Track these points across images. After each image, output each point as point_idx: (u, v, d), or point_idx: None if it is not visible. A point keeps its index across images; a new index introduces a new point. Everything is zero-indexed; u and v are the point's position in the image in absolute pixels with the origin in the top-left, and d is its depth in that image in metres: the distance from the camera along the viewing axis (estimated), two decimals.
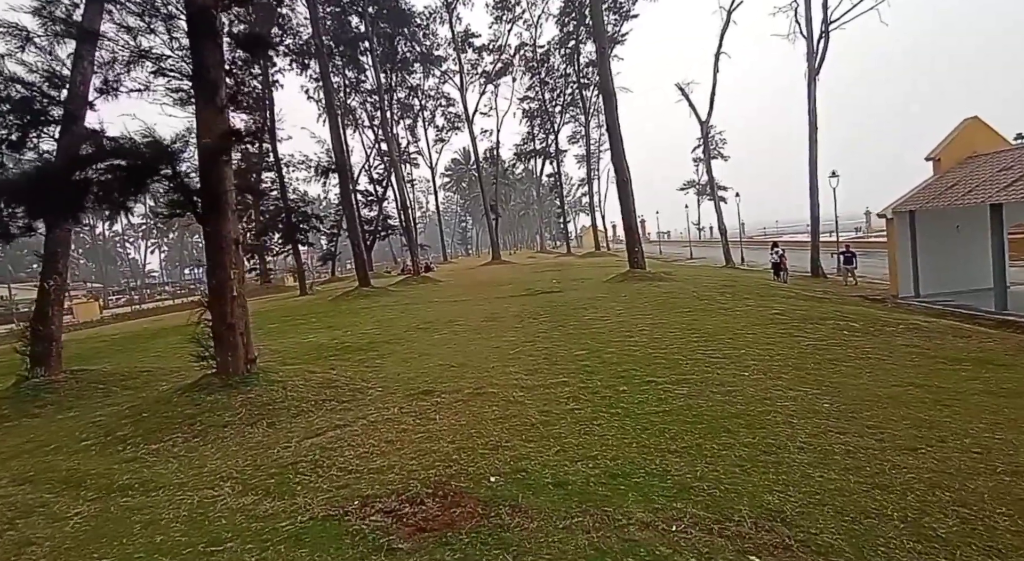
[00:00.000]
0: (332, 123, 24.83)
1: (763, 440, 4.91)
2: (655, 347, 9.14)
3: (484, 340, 11.29)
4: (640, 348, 9.16)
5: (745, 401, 6.02)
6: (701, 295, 15.35)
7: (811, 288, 21.14)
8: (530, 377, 7.81)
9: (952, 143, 19.85)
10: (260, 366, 8.19)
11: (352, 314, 18.65)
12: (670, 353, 8.61)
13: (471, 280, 30.17)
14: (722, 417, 5.56)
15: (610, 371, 7.75)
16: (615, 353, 8.92)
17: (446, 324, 14.06)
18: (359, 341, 12.56)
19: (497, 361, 9.14)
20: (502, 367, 8.59)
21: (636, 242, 21.33)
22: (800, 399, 6.00)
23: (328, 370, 8.99)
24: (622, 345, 9.53)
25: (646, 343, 9.55)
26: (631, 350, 9.05)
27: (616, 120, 21.07)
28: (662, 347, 9.09)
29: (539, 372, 8.07)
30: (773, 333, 9.72)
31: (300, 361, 10.18)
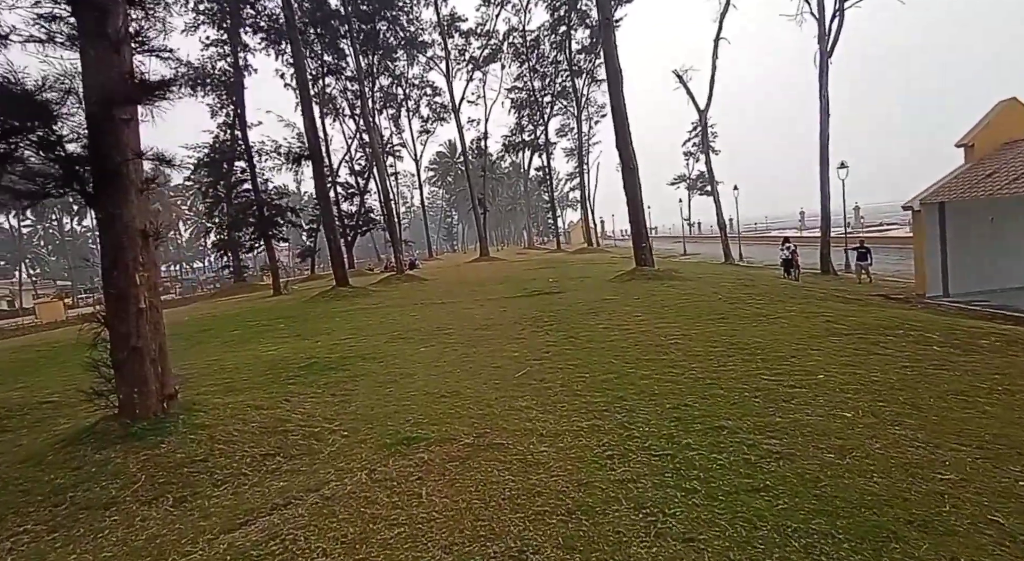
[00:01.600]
0: (304, 104, 22.58)
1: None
2: (702, 369, 7.18)
3: (480, 356, 9.29)
4: (682, 370, 7.20)
5: (878, 466, 4.07)
6: (727, 297, 13.47)
7: (827, 287, 19.35)
8: (548, 415, 5.82)
9: (987, 128, 18.12)
10: (185, 401, 6.14)
11: (326, 319, 16.55)
12: (725, 378, 6.65)
13: (459, 278, 28.11)
14: (864, 503, 3.59)
15: (655, 407, 5.78)
16: (652, 378, 6.95)
17: (433, 333, 12.04)
18: (328, 355, 10.50)
19: (500, 388, 7.15)
20: (508, 399, 6.59)
21: (644, 237, 19.37)
22: (964, 465, 4.06)
23: (281, 403, 6.92)
24: (657, 365, 7.57)
25: (687, 362, 7.60)
26: (672, 374, 7.08)
27: (622, 101, 19.08)
28: (712, 370, 7.14)
29: (559, 407, 6.08)
30: (841, 349, 7.80)
31: (249, 387, 8.10)
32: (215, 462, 4.90)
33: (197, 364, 10.78)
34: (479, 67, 55.99)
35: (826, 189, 26.53)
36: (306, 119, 22.98)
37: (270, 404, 6.78)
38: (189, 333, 16.57)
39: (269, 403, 6.83)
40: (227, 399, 6.95)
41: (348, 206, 49.32)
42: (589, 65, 55.43)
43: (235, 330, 16.16)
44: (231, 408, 6.32)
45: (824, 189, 26.47)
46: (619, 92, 19.12)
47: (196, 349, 13.18)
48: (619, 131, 19.30)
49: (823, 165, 26.16)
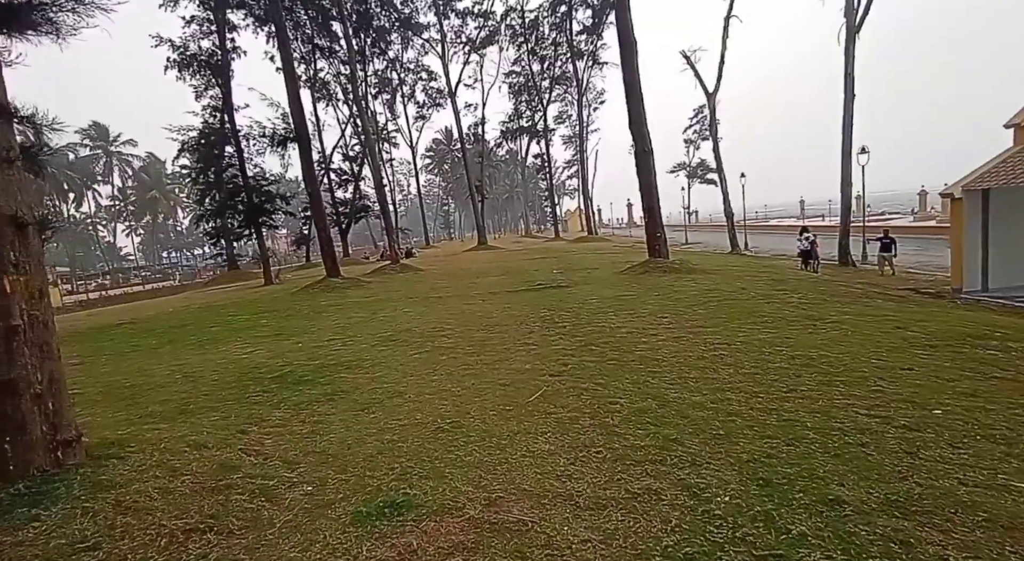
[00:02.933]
0: (289, 82, 20.87)
1: None
2: (769, 395, 5.68)
3: (484, 368, 7.78)
4: (742, 396, 5.70)
5: None
6: (759, 294, 11.99)
7: (852, 279, 17.85)
8: (580, 468, 4.32)
9: None
10: (99, 442, 4.64)
11: (312, 315, 15.03)
12: (805, 411, 5.15)
13: (457, 269, 26.55)
14: None
15: (726, 459, 4.28)
16: (706, 408, 5.45)
17: (429, 335, 10.53)
18: (307, 363, 8.99)
19: (511, 417, 5.65)
20: (524, 436, 5.10)
21: (658, 227, 17.77)
22: None
23: (235, 436, 5.41)
24: (707, 388, 6.07)
25: (745, 384, 6.10)
26: (731, 401, 5.58)
27: (636, 75, 17.40)
28: (781, 396, 5.64)
29: (592, 454, 4.58)
30: (938, 368, 6.31)
31: (205, 408, 6.59)
32: (111, 550, 3.39)
33: (159, 371, 9.29)
34: (476, 49, 54.07)
35: (847, 175, 25.05)
36: (291, 98, 21.28)
37: (220, 438, 5.27)
38: (165, 329, 15.10)
39: (219, 437, 5.32)
40: (167, 431, 5.45)
41: (342, 193, 47.71)
42: (591, 47, 53.59)
43: (214, 326, 14.66)
44: (164, 448, 4.82)
45: (845, 175, 24.99)
46: (633, 65, 17.46)
47: (166, 350, 11.69)
48: (632, 109, 17.69)
49: (845, 150, 24.64)
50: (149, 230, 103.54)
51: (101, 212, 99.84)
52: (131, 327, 16.11)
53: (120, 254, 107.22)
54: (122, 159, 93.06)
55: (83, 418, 6.00)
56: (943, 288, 16.97)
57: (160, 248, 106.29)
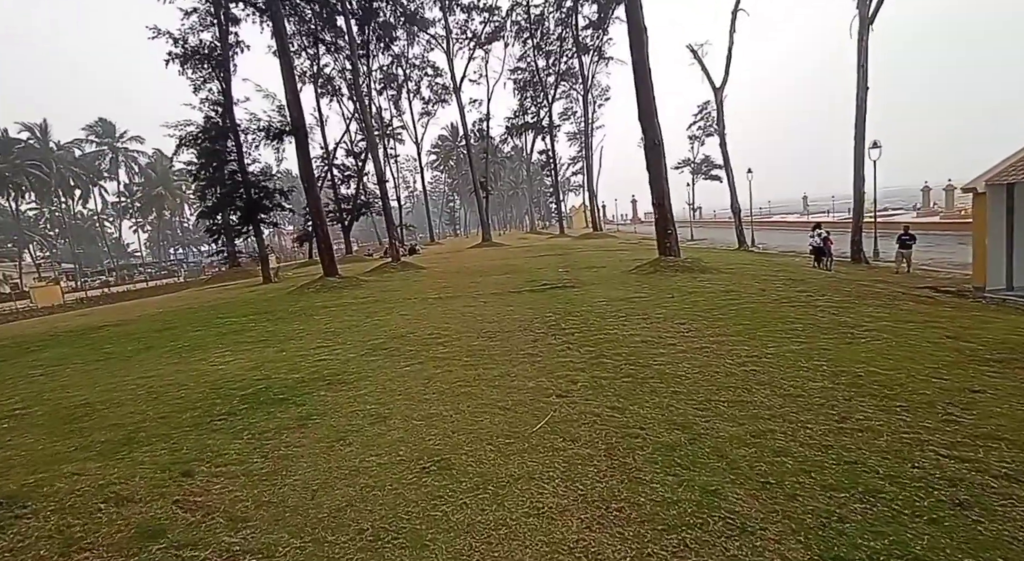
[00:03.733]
0: (286, 72, 19.90)
1: None
2: (820, 426, 4.74)
3: (483, 385, 6.85)
4: (789, 427, 4.76)
5: None
6: (782, 297, 11.04)
7: (868, 277, 16.81)
8: (600, 535, 3.39)
9: None
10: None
11: (303, 317, 14.14)
12: (872, 452, 4.20)
13: (460, 266, 25.63)
14: None
15: (781, 517, 3.36)
16: (747, 444, 4.51)
17: (424, 343, 9.62)
18: (286, 377, 8.09)
19: (512, 454, 4.73)
20: (527, 483, 4.17)
21: (669, 223, 16.76)
22: None
23: (174, 480, 4.50)
24: (744, 416, 5.14)
25: (789, 410, 5.15)
26: (776, 436, 4.64)
27: (647, 64, 16.38)
28: (834, 427, 4.70)
29: (613, 509, 3.65)
30: (1015, 388, 5.36)
31: (156, 436, 5.69)
32: None
33: (123, 386, 8.41)
34: (481, 45, 53.09)
35: (860, 171, 23.96)
36: (288, 89, 20.33)
37: (154, 484, 4.37)
38: (147, 332, 14.25)
39: (154, 482, 4.42)
40: (93, 474, 4.57)
41: (345, 189, 46.87)
42: (596, 42, 52.46)
43: (198, 330, 13.80)
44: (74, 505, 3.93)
45: (858, 171, 23.90)
46: (643, 53, 16.44)
47: (139, 358, 10.83)
48: (642, 101, 16.68)
49: (858, 144, 23.55)
50: (156, 227, 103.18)
51: (108, 209, 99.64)
52: (113, 330, 15.26)
53: (128, 251, 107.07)
54: (128, 155, 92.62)
55: (7, 452, 5.13)
56: (963, 286, 15.96)
57: (167, 245, 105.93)
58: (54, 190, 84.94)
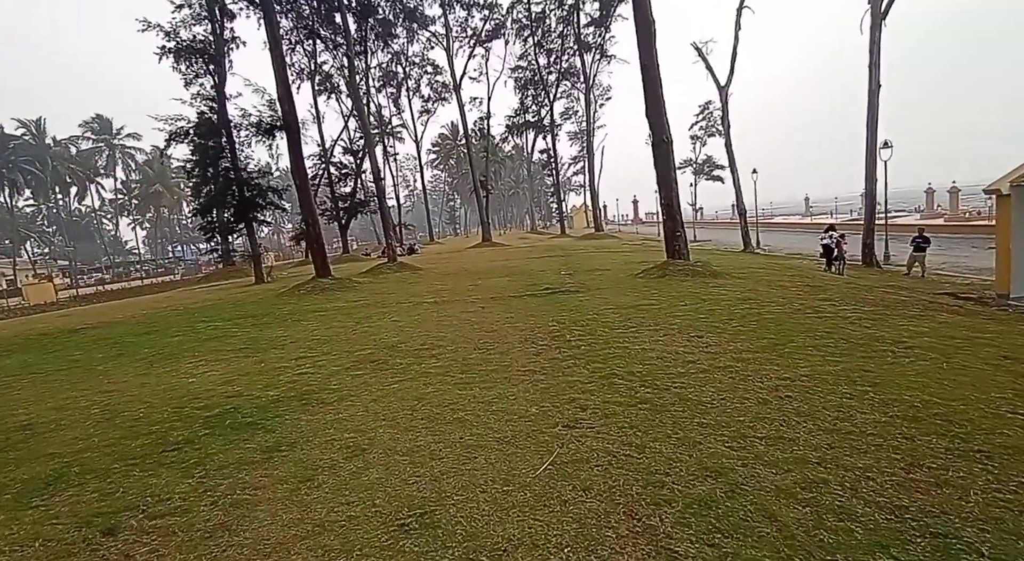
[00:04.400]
0: (277, 64, 19.01)
1: None
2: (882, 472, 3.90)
3: (478, 409, 6.01)
4: (847, 478, 3.91)
5: None
6: (805, 306, 10.19)
7: (886, 283, 15.96)
8: None
9: None
10: None
11: (290, 322, 13.31)
12: (953, 508, 3.37)
13: (459, 268, 24.79)
14: None
15: None
16: (799, 500, 3.68)
17: (415, 354, 8.78)
18: (260, 395, 7.25)
19: (513, 507, 3.88)
20: (529, 551, 3.34)
21: (678, 224, 15.90)
22: None
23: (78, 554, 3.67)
24: (783, 453, 4.30)
25: (840, 452, 4.30)
26: (824, 482, 3.80)
27: (655, 59, 15.52)
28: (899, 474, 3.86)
29: None
30: None
31: (92, 472, 4.85)
32: None
33: (76, 403, 7.58)
34: (481, 42, 52.28)
35: (872, 171, 23.06)
36: (279, 83, 19.46)
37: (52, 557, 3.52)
38: (122, 337, 13.43)
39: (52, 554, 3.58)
40: None
41: (342, 187, 46.01)
42: (599, 40, 51.58)
43: (177, 335, 12.98)
44: None
45: (870, 171, 23.00)
46: (651, 48, 15.59)
47: (107, 367, 10.02)
48: (649, 97, 15.83)
49: (870, 144, 22.66)
50: (154, 224, 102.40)
51: (106, 206, 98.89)
52: (89, 334, 14.42)
53: (126, 248, 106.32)
54: (125, 152, 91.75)
55: None
56: (985, 293, 15.13)
57: (166, 242, 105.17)
58: (50, 187, 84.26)
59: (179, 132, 29.98)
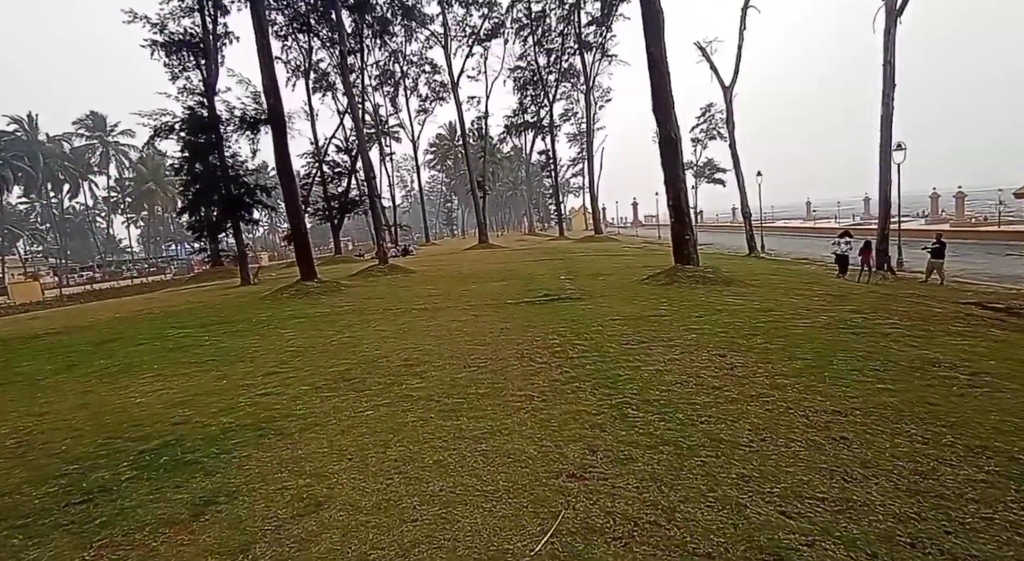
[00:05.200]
0: (263, 53, 17.87)
1: None
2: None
3: (464, 449, 4.94)
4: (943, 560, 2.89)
5: None
6: (836, 319, 9.13)
7: (910, 292, 14.93)
8: None
9: None
10: None
11: (266, 330, 12.24)
12: None
13: (453, 271, 23.71)
14: None
15: None
16: None
17: (397, 373, 7.71)
18: (211, 421, 6.20)
19: None
20: None
21: (686, 227, 14.82)
22: None
23: None
24: (857, 526, 3.26)
25: (924, 521, 3.27)
26: None
27: (663, 51, 14.44)
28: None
29: None
30: None
31: None
32: None
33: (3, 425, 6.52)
34: (480, 41, 51.27)
35: (886, 174, 22.03)
36: (265, 74, 18.36)
37: None
38: (82, 345, 12.40)
39: None
40: None
41: (335, 187, 44.93)
42: (600, 39, 50.48)
43: (142, 343, 11.92)
44: None
45: (884, 174, 21.98)
46: (659, 39, 14.52)
47: (51, 382, 9.03)
48: (657, 92, 14.77)
49: (884, 145, 21.63)
50: (147, 222, 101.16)
51: (100, 204, 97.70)
52: (49, 341, 13.35)
53: (120, 246, 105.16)
54: (119, 149, 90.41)
55: None
56: (1012, 303, 14.13)
57: (160, 240, 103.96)
58: (42, 184, 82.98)
59: (164, 127, 28.88)
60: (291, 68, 44.71)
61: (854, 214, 60.63)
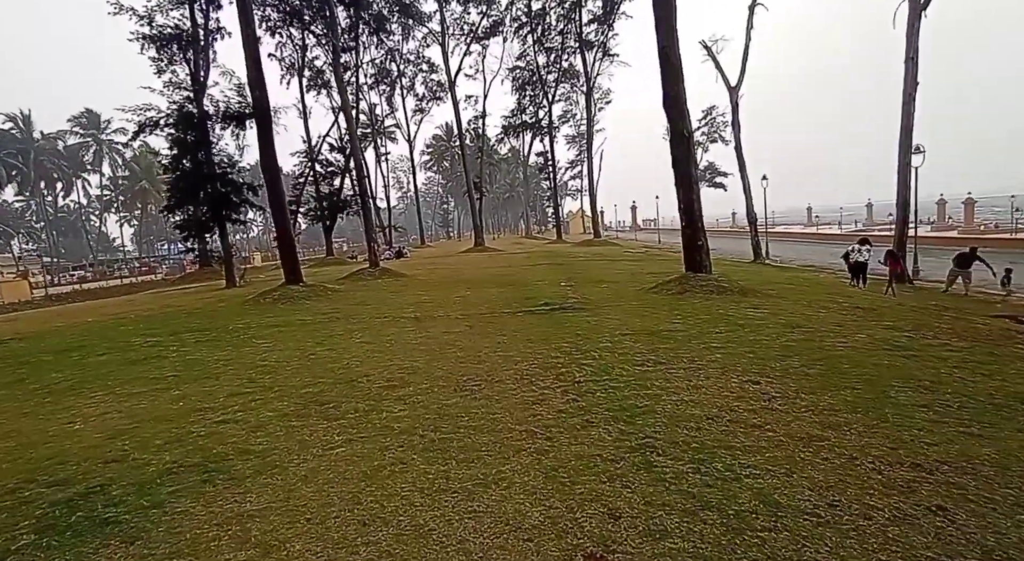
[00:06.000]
0: (248, 42, 16.77)
1: None
2: None
3: (449, 509, 3.92)
4: None
5: None
6: (878, 338, 8.12)
7: (938, 303, 13.93)
8: None
9: None
10: None
11: (240, 340, 11.19)
12: None
13: (448, 275, 22.65)
14: None
15: None
16: None
17: (377, 396, 6.68)
18: (153, 458, 5.17)
19: None
20: None
21: (699, 232, 13.76)
22: None
23: None
24: None
25: None
26: None
27: (675, 42, 13.38)
28: None
29: None
30: None
31: None
32: None
33: None
34: (479, 39, 50.26)
35: (906, 177, 21.02)
36: (250, 65, 17.30)
37: None
38: (37, 354, 11.43)
39: None
40: None
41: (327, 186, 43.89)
42: (601, 37, 49.49)
43: (103, 354, 10.88)
44: None
45: (903, 178, 20.98)
46: (672, 28, 13.48)
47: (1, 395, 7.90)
48: (668, 84, 13.76)
49: (904, 147, 20.65)
50: (141, 221, 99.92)
51: (93, 202, 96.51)
52: (7, 348, 12.31)
53: (114, 245, 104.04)
54: (113, 148, 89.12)
55: None
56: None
57: (155, 239, 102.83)
58: (34, 181, 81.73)
59: (149, 123, 27.76)
60: (285, 65, 43.75)
61: (856, 221, 59.75)
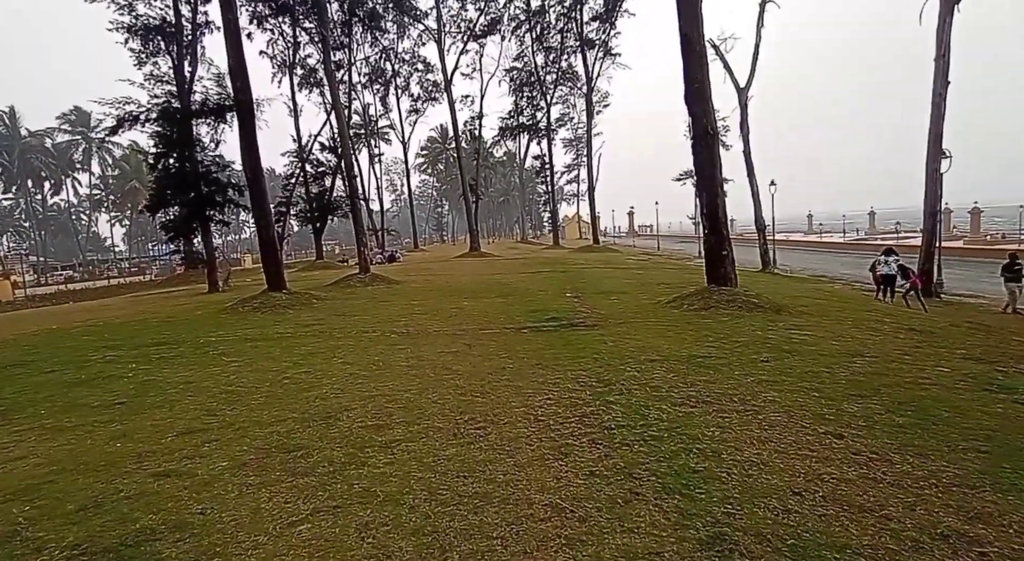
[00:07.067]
0: (229, 30, 15.38)
1: None
2: None
3: None
4: None
5: None
6: (953, 369, 6.83)
7: (971, 319, 12.64)
8: None
9: None
10: None
11: (208, 357, 9.82)
12: None
13: (442, 282, 21.27)
14: None
15: None
16: None
17: (358, 440, 5.35)
18: (45, 544, 3.81)
19: None
20: None
21: (724, 240, 12.37)
22: None
23: None
24: None
25: None
26: None
27: (699, 29, 12.10)
28: None
29: None
30: None
31: None
32: None
33: None
34: (476, 37, 49.03)
35: (933, 185, 19.73)
36: (231, 55, 15.92)
37: None
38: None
39: None
40: None
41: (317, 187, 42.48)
42: (603, 36, 48.29)
43: (50, 371, 9.55)
44: None
45: (930, 185, 19.69)
46: (696, 15, 12.23)
47: None
48: (692, 77, 12.46)
49: (932, 152, 19.38)
50: (132, 221, 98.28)
51: (83, 201, 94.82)
52: None
53: (105, 245, 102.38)
54: (103, 147, 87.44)
55: None
56: None
57: (146, 239, 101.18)
58: (19, 179, 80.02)
59: (128, 117, 26.33)
60: (276, 63, 42.40)
61: (858, 229, 58.84)
